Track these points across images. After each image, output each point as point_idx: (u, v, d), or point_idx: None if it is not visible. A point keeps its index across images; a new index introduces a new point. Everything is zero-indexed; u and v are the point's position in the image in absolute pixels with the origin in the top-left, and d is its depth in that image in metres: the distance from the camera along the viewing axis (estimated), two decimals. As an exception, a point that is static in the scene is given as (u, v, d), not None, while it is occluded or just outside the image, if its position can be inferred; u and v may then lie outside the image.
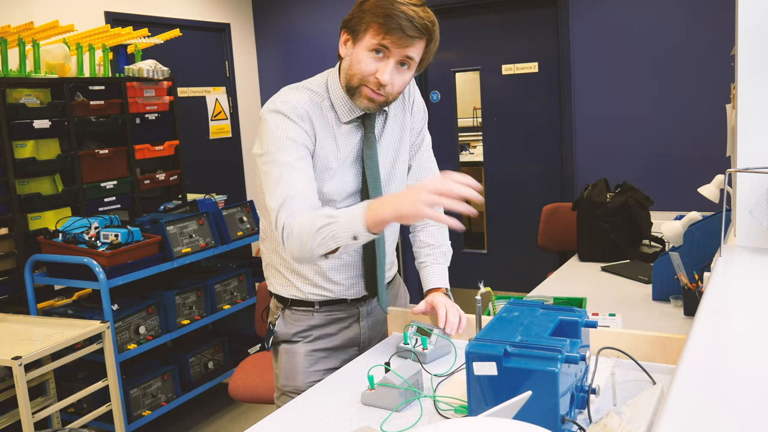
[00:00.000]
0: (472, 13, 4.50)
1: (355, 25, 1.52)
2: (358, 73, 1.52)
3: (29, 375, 2.50)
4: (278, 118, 1.54)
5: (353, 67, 1.53)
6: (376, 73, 1.51)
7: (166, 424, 3.45)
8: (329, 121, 1.61)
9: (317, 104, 1.59)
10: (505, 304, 1.38)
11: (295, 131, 1.53)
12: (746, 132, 1.48)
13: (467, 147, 5.56)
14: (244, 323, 3.77)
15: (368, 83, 1.53)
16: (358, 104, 1.58)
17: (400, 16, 1.45)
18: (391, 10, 1.46)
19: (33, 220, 3.14)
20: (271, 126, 1.54)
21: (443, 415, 1.34)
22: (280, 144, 1.52)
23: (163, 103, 3.78)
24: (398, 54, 1.50)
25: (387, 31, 1.47)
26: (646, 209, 2.97)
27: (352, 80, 1.54)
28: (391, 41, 1.48)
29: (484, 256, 4.72)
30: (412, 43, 1.49)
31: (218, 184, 4.69)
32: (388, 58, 1.50)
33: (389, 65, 1.50)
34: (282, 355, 1.75)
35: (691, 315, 2.08)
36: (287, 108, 1.54)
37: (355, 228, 1.37)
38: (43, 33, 3.27)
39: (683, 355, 0.99)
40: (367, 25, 1.49)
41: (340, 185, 1.62)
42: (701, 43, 3.78)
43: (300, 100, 1.57)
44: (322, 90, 1.61)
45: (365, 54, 1.51)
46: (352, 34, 1.53)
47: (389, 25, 1.46)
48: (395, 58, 1.51)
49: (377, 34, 1.48)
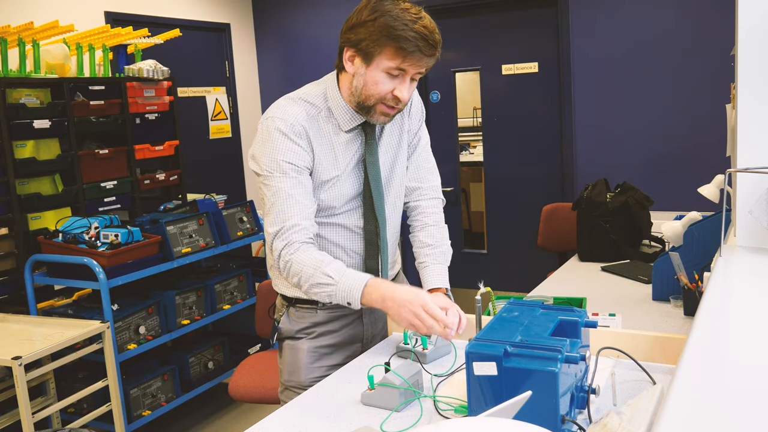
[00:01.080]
0: (472, 13, 4.50)
1: (367, 47, 1.51)
2: (376, 94, 1.55)
3: (29, 375, 2.50)
4: (277, 137, 1.56)
5: (369, 89, 1.55)
6: (393, 91, 1.54)
7: (166, 424, 3.45)
8: (327, 132, 1.62)
9: (314, 117, 1.61)
10: (505, 304, 1.38)
11: (293, 153, 1.56)
12: (746, 132, 1.48)
13: (467, 147, 5.56)
14: (244, 323, 3.76)
15: (386, 101, 1.56)
16: (373, 120, 1.60)
17: (416, 37, 1.47)
18: (404, 31, 1.46)
19: (33, 220, 3.14)
20: (270, 145, 1.57)
21: (443, 415, 1.34)
22: (278, 167, 1.56)
23: (163, 103, 3.78)
24: (414, 72, 1.54)
25: (406, 56, 1.49)
26: (646, 209, 2.97)
27: (368, 100, 1.56)
28: (410, 64, 1.50)
29: (484, 256, 4.72)
30: (427, 60, 1.52)
31: (218, 184, 4.69)
32: (404, 76, 1.53)
33: (406, 83, 1.54)
34: (286, 351, 1.77)
35: (691, 315, 2.08)
36: (286, 126, 1.56)
37: (351, 299, 1.48)
38: (43, 33, 3.27)
39: (683, 355, 0.99)
40: (381, 48, 1.49)
41: (339, 192, 1.64)
42: (701, 43, 3.78)
43: (297, 115, 1.59)
44: (320, 101, 1.63)
45: (381, 75, 1.53)
46: (364, 56, 1.53)
47: (408, 49, 1.47)
48: (410, 76, 1.54)
49: (395, 57, 1.49)
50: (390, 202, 1.73)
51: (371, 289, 1.47)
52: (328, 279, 1.49)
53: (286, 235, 1.53)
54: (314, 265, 1.50)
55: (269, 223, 1.57)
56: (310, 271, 1.50)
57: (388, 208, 1.71)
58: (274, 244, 1.55)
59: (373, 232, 1.68)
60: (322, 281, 1.49)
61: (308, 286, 1.52)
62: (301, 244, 1.53)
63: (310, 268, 1.50)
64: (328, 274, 1.49)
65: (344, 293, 1.48)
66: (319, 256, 1.52)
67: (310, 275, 1.50)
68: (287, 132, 1.56)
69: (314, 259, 1.51)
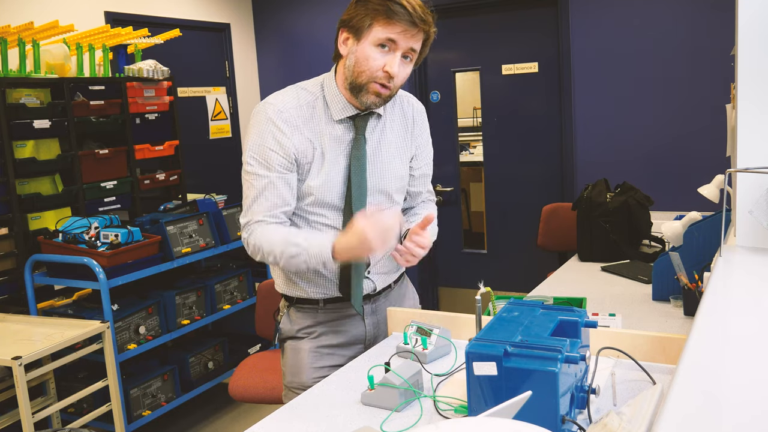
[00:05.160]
0: (472, 13, 4.49)
1: (358, 22, 1.53)
2: (367, 70, 1.55)
3: (29, 375, 2.50)
4: (264, 123, 1.59)
5: (361, 64, 1.55)
6: (384, 66, 1.54)
7: (166, 424, 3.45)
8: (321, 120, 1.63)
9: (309, 103, 1.63)
10: (505, 304, 1.38)
11: (278, 140, 1.58)
12: (746, 132, 1.48)
13: (467, 147, 5.55)
14: (244, 323, 3.76)
15: (377, 78, 1.55)
16: (365, 100, 1.59)
17: (405, 6, 1.50)
18: (390, 4, 1.49)
19: (33, 220, 3.14)
20: (256, 130, 1.60)
21: (443, 415, 1.34)
22: (260, 154, 1.59)
23: (163, 103, 3.78)
24: (404, 46, 1.54)
25: (394, 23, 1.50)
26: (646, 209, 2.97)
27: (360, 77, 1.56)
28: (398, 33, 1.51)
29: (484, 256, 4.72)
30: (417, 34, 1.54)
31: (218, 184, 4.68)
32: (394, 51, 1.54)
33: (397, 57, 1.54)
34: (288, 352, 1.77)
35: (691, 315, 2.08)
36: (274, 112, 1.59)
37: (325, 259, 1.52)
38: (43, 33, 3.27)
39: (683, 355, 0.99)
40: (371, 20, 1.52)
41: (327, 180, 1.62)
42: (701, 43, 3.78)
43: (289, 101, 1.61)
44: (317, 89, 1.65)
45: (372, 49, 1.54)
46: (355, 32, 1.55)
47: (396, 17, 1.49)
48: (401, 51, 1.54)
49: (385, 27, 1.51)
50: (377, 204, 1.69)
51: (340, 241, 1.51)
52: (297, 248, 1.54)
53: (251, 228, 1.61)
54: (282, 240, 1.56)
55: (242, 214, 1.66)
56: (281, 247, 1.56)
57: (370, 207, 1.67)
58: (242, 235, 1.64)
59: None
60: (293, 252, 1.54)
61: (284, 261, 1.57)
62: (259, 226, 1.59)
63: (279, 244, 1.56)
64: (295, 243, 1.54)
65: (317, 257, 1.52)
66: (285, 230, 1.59)
67: (282, 251, 1.55)
68: (275, 118, 1.58)
69: (281, 234, 1.57)
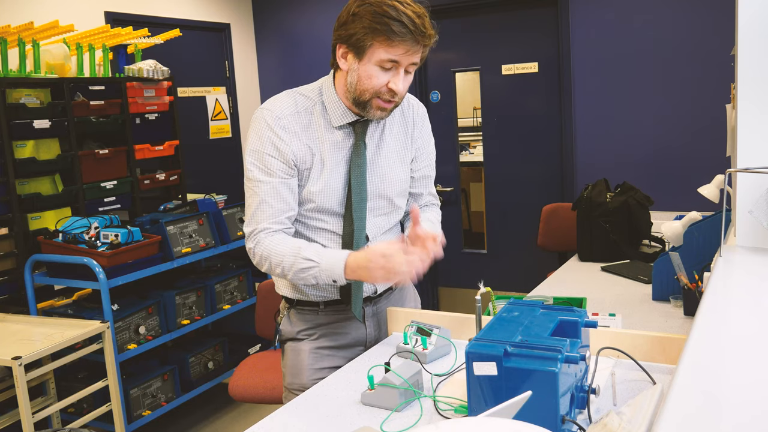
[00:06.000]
0: (472, 13, 4.49)
1: (358, 41, 1.50)
2: (371, 88, 1.54)
3: (29, 375, 2.50)
4: (263, 129, 1.59)
5: (364, 83, 1.54)
6: (388, 84, 1.53)
7: (166, 424, 3.45)
8: (319, 126, 1.62)
9: (307, 109, 1.62)
10: (505, 304, 1.38)
11: (277, 147, 1.58)
12: (746, 132, 1.48)
13: (467, 147, 5.55)
14: (244, 323, 3.76)
15: (381, 95, 1.55)
16: (370, 115, 1.59)
17: (405, 24, 1.46)
18: (392, 20, 1.45)
19: (33, 220, 3.14)
20: (255, 137, 1.60)
21: (443, 415, 1.34)
22: (260, 160, 1.59)
23: (163, 103, 3.78)
24: (407, 63, 1.52)
25: (396, 44, 1.47)
26: (646, 209, 2.97)
27: (363, 95, 1.55)
28: (401, 53, 1.49)
29: (484, 256, 4.72)
30: (420, 50, 1.52)
31: (218, 184, 4.68)
32: (398, 68, 1.52)
33: (400, 75, 1.53)
34: (288, 353, 1.77)
35: (691, 315, 2.08)
36: (272, 118, 1.59)
37: (336, 277, 1.51)
38: (43, 33, 3.27)
39: (683, 355, 0.99)
40: (371, 40, 1.48)
41: (327, 186, 1.62)
42: (701, 43, 3.78)
43: (287, 107, 1.61)
44: (315, 95, 1.64)
45: (374, 69, 1.52)
46: (355, 50, 1.52)
47: (397, 37, 1.46)
48: (404, 67, 1.53)
49: (386, 48, 1.48)
50: (378, 209, 1.69)
51: (351, 263, 1.50)
52: (310, 262, 1.52)
53: (257, 238, 1.59)
54: (292, 252, 1.54)
55: (245, 223, 1.64)
56: (291, 260, 1.54)
57: (371, 213, 1.67)
58: (247, 245, 1.62)
59: (349, 235, 1.65)
60: (304, 266, 1.52)
61: (293, 273, 1.55)
62: (266, 235, 1.57)
63: (289, 256, 1.54)
64: (308, 257, 1.52)
65: (328, 272, 1.51)
66: (295, 243, 1.56)
67: (292, 263, 1.54)
68: (273, 125, 1.58)
69: (290, 246, 1.55)
